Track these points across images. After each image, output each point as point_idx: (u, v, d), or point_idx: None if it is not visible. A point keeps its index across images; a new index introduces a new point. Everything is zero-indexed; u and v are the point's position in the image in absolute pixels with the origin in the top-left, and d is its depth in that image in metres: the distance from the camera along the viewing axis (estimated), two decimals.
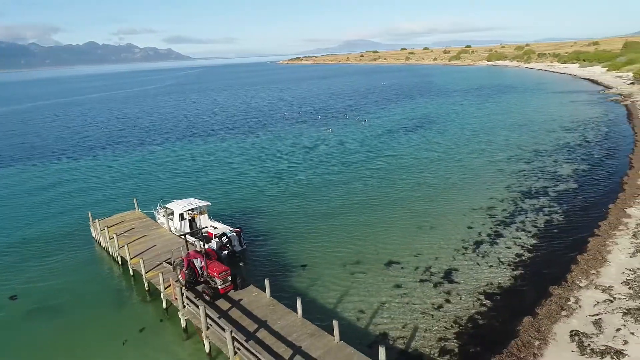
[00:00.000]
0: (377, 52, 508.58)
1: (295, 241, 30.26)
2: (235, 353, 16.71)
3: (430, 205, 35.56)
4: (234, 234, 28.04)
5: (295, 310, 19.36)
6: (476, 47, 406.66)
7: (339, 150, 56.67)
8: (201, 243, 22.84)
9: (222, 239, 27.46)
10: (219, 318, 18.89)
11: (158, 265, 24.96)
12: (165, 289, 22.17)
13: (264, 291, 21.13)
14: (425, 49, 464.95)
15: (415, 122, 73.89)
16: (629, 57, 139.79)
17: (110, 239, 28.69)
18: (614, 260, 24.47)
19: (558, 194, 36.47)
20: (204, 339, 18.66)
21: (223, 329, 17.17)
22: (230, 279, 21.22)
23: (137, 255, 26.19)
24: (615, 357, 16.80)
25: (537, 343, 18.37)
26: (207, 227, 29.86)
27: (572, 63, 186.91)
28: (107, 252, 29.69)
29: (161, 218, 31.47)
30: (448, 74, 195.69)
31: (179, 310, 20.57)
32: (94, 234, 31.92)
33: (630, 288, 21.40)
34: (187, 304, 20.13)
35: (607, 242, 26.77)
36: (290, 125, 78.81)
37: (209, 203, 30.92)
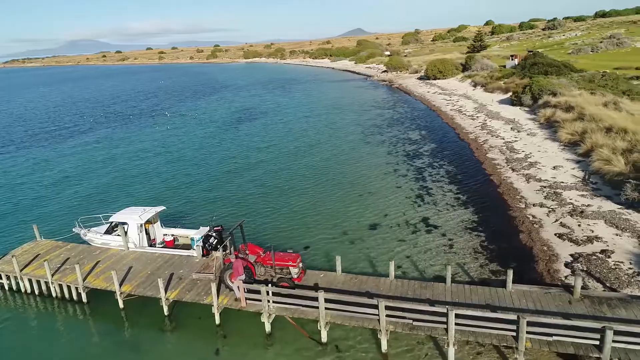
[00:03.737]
0: (121, 52, 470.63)
1: (267, 230, 28.63)
2: None
3: (346, 178, 37.92)
4: (215, 233, 24.84)
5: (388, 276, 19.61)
6: (225, 46, 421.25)
7: (196, 146, 53.21)
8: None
9: (210, 240, 24.03)
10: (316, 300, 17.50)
11: (169, 284, 20.34)
12: (219, 299, 18.68)
13: (332, 270, 20.34)
14: (174, 48, 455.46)
15: (247, 114, 74.44)
16: (369, 52, 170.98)
17: (53, 274, 21.27)
18: (521, 187, 32.25)
19: (430, 152, 44.33)
20: (322, 328, 17.08)
21: (370, 305, 16.34)
22: (301, 264, 19.58)
23: (123, 282, 20.59)
24: (598, 240, 23.36)
25: (544, 248, 23.70)
26: (167, 234, 25.38)
27: (322, 58, 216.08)
28: (45, 294, 21.85)
29: (98, 238, 24.79)
30: (220, 71, 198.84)
31: (261, 314, 17.87)
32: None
33: (553, 200, 29.05)
34: (274, 302, 17.73)
35: (503, 177, 34.87)
36: (105, 129, 68.22)
37: (163, 207, 26.04)
